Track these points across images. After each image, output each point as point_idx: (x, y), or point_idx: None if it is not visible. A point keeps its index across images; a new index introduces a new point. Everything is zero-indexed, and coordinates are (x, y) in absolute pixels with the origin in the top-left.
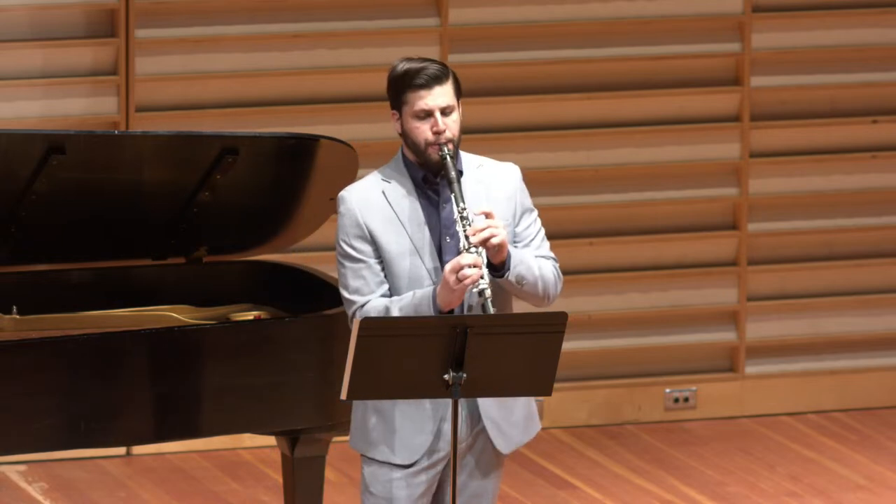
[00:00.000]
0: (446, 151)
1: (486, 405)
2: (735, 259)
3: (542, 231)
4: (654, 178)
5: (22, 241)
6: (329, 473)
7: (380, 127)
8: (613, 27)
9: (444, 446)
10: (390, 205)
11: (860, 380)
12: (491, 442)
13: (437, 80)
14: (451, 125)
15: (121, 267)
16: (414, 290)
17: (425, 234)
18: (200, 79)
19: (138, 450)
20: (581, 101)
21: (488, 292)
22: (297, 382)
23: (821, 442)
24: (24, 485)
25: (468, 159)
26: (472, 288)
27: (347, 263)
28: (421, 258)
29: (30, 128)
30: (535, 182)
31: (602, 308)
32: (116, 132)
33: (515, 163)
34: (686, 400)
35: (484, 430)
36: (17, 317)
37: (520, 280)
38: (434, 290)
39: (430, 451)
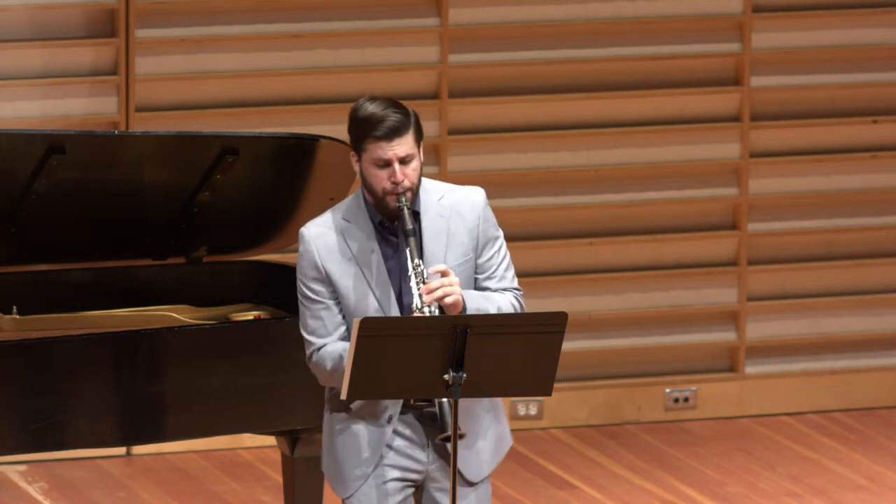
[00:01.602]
0: (404, 202)
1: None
2: (735, 259)
3: (507, 258)
4: (654, 178)
5: (22, 241)
6: None
7: None
8: (613, 27)
9: (406, 472)
10: (349, 247)
11: (860, 380)
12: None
13: (397, 131)
14: (409, 174)
15: (121, 267)
16: None
17: (384, 277)
18: (200, 79)
19: (138, 450)
20: (581, 101)
21: None
22: (297, 382)
23: (821, 442)
24: (24, 485)
25: (430, 190)
26: None
27: (306, 303)
28: (379, 301)
29: (30, 128)
30: (535, 182)
31: (602, 308)
32: (116, 132)
33: (515, 162)
34: (686, 400)
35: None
36: (17, 317)
37: None
38: None
39: (376, 484)
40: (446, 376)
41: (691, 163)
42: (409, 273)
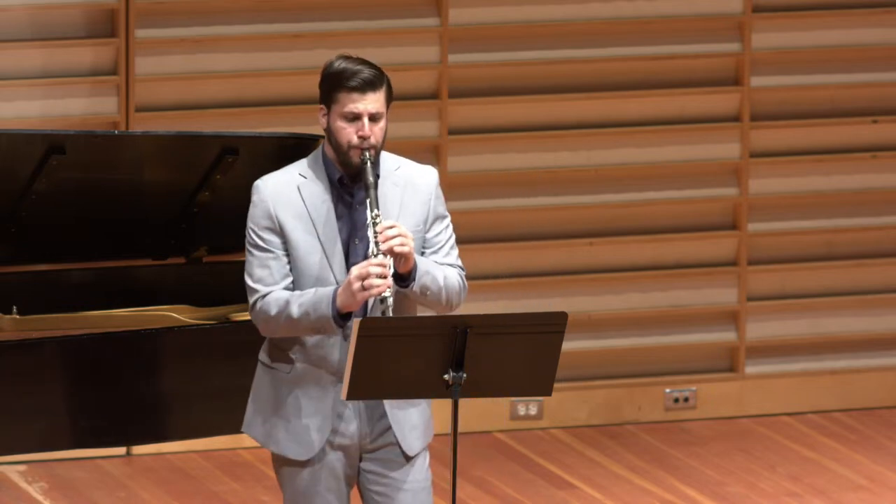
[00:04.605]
0: (367, 157)
1: (389, 405)
2: (735, 259)
3: (453, 238)
4: (654, 178)
5: (22, 241)
6: None
7: None
8: (613, 27)
9: (346, 442)
10: (304, 202)
11: (860, 380)
12: (397, 442)
13: (371, 85)
14: (376, 132)
15: (121, 267)
16: (317, 287)
17: (335, 235)
18: (200, 79)
19: (138, 450)
20: (581, 101)
21: (390, 300)
22: None
23: (821, 442)
24: (24, 485)
25: (387, 160)
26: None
27: (255, 252)
28: (328, 258)
29: (30, 128)
30: (536, 182)
31: (602, 308)
32: (116, 132)
33: (514, 162)
34: (686, 400)
35: (390, 429)
36: (17, 317)
37: (424, 290)
38: (335, 290)
39: (329, 448)
40: (446, 376)
41: (691, 163)
42: (367, 222)
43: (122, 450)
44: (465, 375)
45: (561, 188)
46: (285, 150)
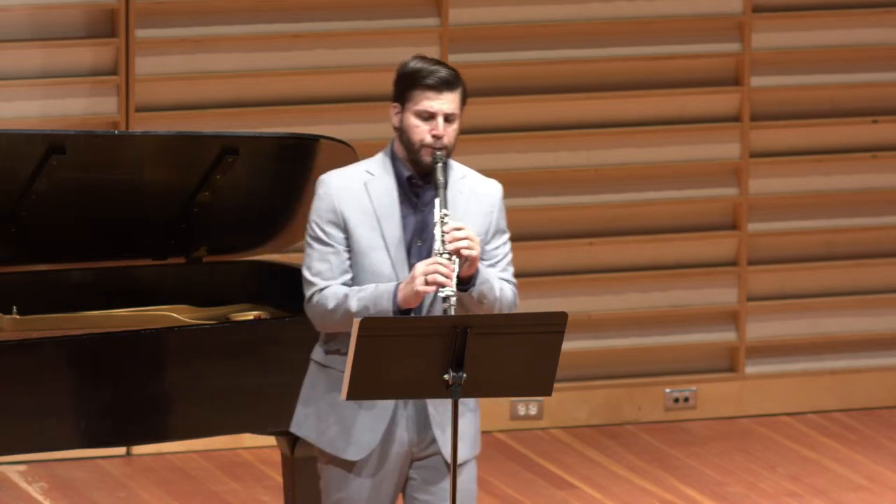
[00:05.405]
0: (439, 157)
1: (435, 416)
2: (735, 259)
3: (511, 255)
4: (654, 178)
5: (22, 241)
6: None
7: (380, 127)
8: (613, 27)
9: (398, 449)
10: (370, 199)
11: (860, 380)
12: (440, 451)
13: (448, 85)
14: (450, 133)
15: (121, 267)
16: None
17: (399, 234)
18: (200, 79)
19: (138, 450)
20: (581, 101)
21: (453, 300)
22: (297, 382)
23: (821, 442)
24: (24, 485)
25: (454, 168)
26: (439, 292)
27: (316, 245)
28: (390, 255)
29: (30, 128)
30: (536, 182)
31: (602, 308)
32: (116, 132)
33: (514, 162)
34: (686, 400)
35: (434, 439)
36: (17, 317)
37: (481, 298)
38: (397, 285)
39: (382, 452)
40: (446, 376)
41: (691, 163)
42: (435, 220)
43: (122, 450)
44: (465, 375)
45: (561, 188)
46: (285, 150)
